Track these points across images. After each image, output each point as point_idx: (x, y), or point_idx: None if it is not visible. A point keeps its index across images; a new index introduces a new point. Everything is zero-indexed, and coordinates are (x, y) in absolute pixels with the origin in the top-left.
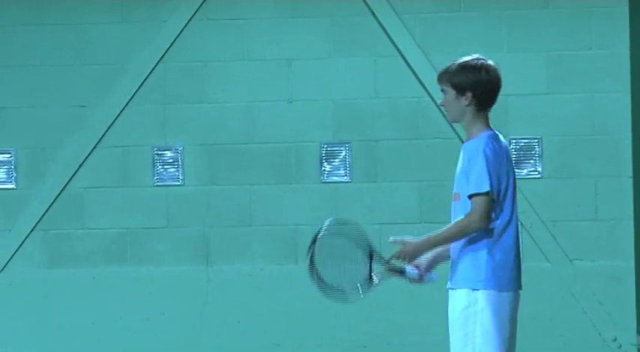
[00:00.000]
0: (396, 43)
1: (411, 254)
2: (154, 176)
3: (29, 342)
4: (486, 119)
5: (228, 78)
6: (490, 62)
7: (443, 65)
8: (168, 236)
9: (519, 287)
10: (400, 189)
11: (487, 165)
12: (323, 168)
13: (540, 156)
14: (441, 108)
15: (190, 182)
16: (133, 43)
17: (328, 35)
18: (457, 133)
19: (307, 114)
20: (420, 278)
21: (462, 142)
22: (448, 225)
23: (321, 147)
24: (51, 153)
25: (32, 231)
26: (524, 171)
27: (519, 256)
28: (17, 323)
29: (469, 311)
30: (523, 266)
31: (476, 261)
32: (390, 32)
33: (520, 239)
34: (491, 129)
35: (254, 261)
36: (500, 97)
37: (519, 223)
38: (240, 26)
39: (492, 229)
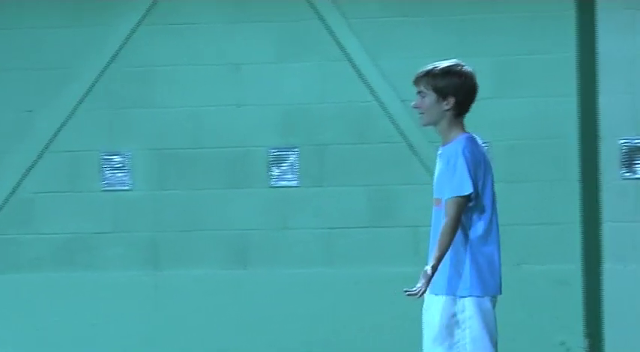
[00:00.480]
0: (344, 47)
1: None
2: (102, 181)
3: None
4: (462, 124)
5: (177, 82)
6: (469, 68)
7: (391, 70)
8: (116, 241)
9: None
10: (348, 194)
11: (467, 167)
12: (271, 173)
13: None
14: (416, 110)
15: (139, 187)
16: (80, 47)
17: (276, 40)
18: (404, 138)
19: (255, 118)
20: None
21: (410, 147)
22: (437, 240)
23: (269, 152)
24: None
25: None
26: None
27: (500, 258)
28: None
29: (457, 319)
30: None
31: (459, 266)
32: (338, 36)
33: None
34: (467, 132)
35: (202, 266)
36: None
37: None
38: (189, 31)
39: (473, 233)
